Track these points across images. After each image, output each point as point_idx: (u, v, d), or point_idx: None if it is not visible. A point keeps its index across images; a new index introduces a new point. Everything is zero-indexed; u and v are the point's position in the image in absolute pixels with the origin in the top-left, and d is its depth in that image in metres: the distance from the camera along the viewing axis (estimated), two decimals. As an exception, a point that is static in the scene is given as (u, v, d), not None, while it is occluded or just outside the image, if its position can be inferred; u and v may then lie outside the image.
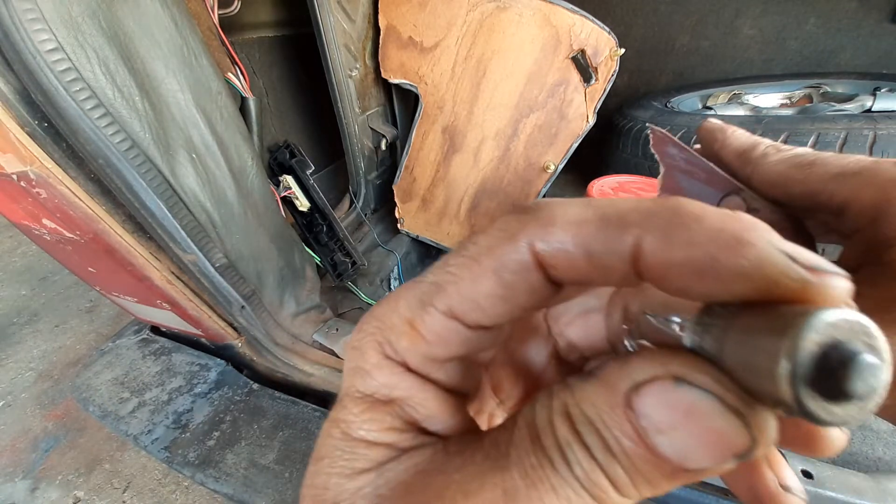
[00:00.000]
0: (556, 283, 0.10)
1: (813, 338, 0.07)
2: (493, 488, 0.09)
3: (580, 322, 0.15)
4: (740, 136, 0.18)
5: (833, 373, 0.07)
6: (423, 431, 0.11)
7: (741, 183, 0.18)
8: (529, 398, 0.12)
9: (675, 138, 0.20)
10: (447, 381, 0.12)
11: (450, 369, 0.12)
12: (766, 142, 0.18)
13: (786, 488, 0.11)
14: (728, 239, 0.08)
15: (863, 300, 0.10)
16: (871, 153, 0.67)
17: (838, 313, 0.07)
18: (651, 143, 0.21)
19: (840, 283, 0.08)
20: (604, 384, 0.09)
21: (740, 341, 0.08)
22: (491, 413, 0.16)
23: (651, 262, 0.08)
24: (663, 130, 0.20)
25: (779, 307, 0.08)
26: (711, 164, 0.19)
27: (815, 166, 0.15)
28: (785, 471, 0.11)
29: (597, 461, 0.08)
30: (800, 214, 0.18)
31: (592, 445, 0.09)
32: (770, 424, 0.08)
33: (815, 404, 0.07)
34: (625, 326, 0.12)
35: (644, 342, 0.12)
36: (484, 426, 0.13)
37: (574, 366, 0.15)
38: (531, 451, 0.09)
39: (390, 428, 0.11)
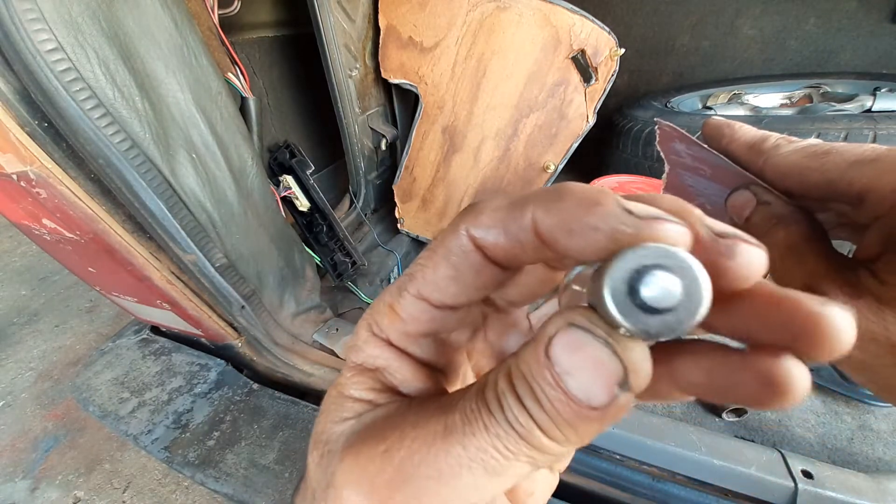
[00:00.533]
0: (497, 264, 0.12)
1: (623, 265, 0.09)
2: (435, 423, 0.11)
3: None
4: (749, 130, 0.19)
5: (636, 289, 0.09)
6: (399, 394, 0.14)
7: (753, 175, 0.18)
8: None
9: (684, 132, 0.20)
10: (421, 354, 0.14)
11: (423, 345, 0.14)
12: (776, 134, 0.18)
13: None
14: (586, 202, 0.10)
15: (886, 288, 0.12)
16: (871, 153, 0.67)
17: (651, 246, 0.09)
18: (657, 139, 0.21)
19: (667, 227, 0.09)
20: (532, 343, 0.11)
21: (596, 283, 0.10)
22: None
23: (540, 229, 0.10)
24: (671, 124, 0.20)
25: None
26: (722, 157, 0.19)
27: (832, 155, 0.16)
28: None
29: (525, 406, 0.10)
30: (812, 207, 0.18)
31: (523, 394, 0.10)
32: (635, 350, 0.09)
33: (633, 318, 0.09)
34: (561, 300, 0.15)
35: None
36: None
37: None
38: (474, 399, 0.11)
39: (372, 388, 0.14)
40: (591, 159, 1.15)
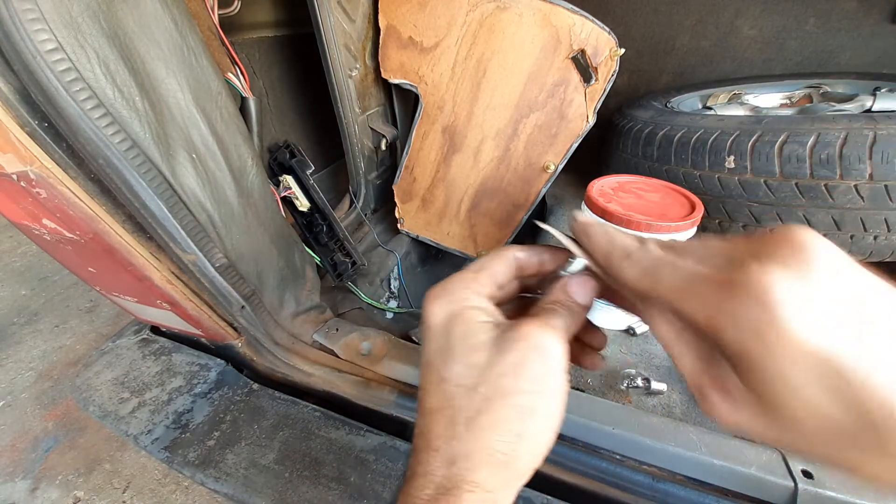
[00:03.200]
0: (520, 269, 0.29)
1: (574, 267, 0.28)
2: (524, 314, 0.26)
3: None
4: (600, 240, 0.24)
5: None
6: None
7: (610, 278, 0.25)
8: None
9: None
10: (501, 295, 0.29)
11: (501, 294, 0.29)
12: (620, 246, 0.23)
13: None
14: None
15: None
16: (871, 153, 0.67)
17: (578, 260, 0.27)
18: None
19: (580, 262, 0.27)
20: (556, 288, 0.27)
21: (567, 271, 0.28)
22: None
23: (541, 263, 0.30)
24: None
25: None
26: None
27: (659, 280, 0.21)
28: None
29: (557, 310, 0.26)
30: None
31: (558, 306, 0.26)
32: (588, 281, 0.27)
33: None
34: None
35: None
36: None
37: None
38: (535, 308, 0.26)
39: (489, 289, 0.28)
40: (591, 159, 1.15)
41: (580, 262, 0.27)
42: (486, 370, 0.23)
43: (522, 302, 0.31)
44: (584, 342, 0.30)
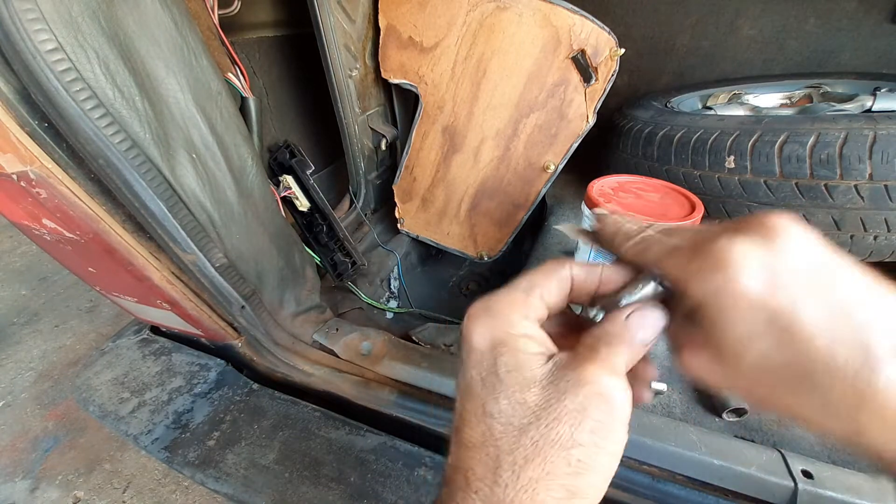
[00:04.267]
0: (576, 289, 0.26)
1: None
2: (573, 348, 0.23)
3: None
4: (609, 226, 0.27)
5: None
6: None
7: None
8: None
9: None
10: (548, 316, 0.26)
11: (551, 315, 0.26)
12: (624, 229, 0.26)
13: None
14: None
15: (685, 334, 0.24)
16: (871, 153, 0.67)
17: (644, 287, 0.24)
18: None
19: (646, 287, 0.24)
20: (616, 321, 0.24)
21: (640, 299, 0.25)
22: None
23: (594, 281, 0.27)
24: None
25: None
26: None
27: (647, 251, 0.24)
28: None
29: (621, 348, 0.22)
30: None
31: (620, 342, 0.23)
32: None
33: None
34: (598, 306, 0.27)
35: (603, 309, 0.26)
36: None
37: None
38: (592, 340, 0.23)
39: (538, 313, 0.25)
40: (591, 159, 1.15)
41: (647, 287, 0.24)
42: (539, 412, 0.20)
43: (565, 316, 0.28)
44: (634, 372, 0.26)
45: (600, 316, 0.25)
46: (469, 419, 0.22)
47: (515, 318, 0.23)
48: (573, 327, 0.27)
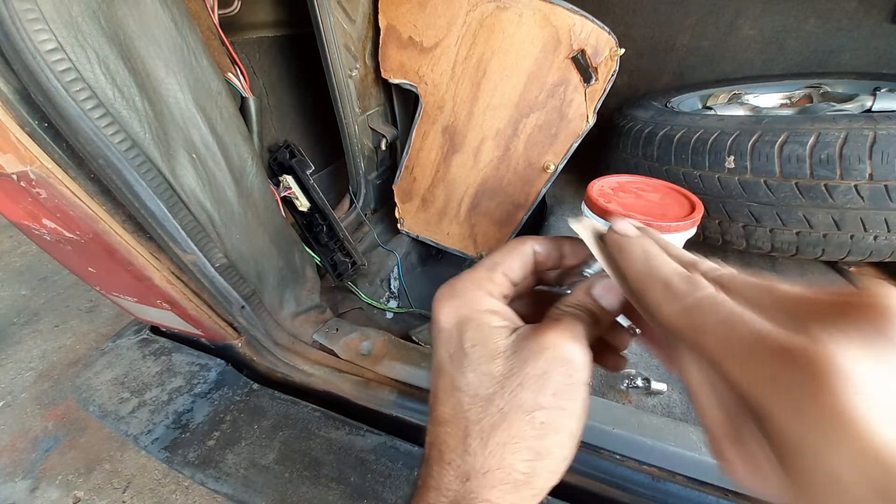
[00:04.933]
0: (538, 264, 0.27)
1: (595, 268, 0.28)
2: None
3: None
4: (636, 262, 0.24)
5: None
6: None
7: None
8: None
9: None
10: (516, 292, 0.27)
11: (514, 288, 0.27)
12: (659, 276, 0.20)
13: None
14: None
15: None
16: (871, 153, 0.67)
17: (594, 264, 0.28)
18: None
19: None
20: (580, 290, 0.25)
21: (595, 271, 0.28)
22: None
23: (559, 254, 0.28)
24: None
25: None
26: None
27: (706, 333, 0.18)
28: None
29: (581, 315, 0.23)
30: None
31: (582, 310, 0.24)
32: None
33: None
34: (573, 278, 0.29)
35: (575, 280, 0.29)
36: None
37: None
38: (557, 311, 0.24)
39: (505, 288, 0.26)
40: (591, 159, 1.15)
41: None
42: (504, 381, 0.21)
43: (538, 296, 0.29)
44: (607, 341, 0.27)
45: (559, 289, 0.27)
46: (440, 396, 0.23)
47: (479, 296, 0.24)
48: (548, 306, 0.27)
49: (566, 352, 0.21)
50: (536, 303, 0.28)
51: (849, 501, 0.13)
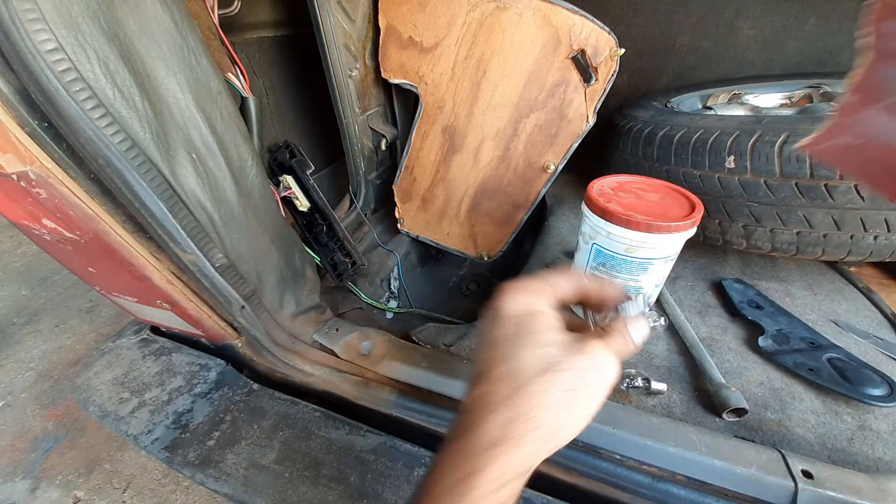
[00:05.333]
0: (583, 296, 0.35)
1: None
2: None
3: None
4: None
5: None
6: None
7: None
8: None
9: None
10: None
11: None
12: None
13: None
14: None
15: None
16: (871, 153, 0.67)
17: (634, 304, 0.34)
18: (872, 15, 0.19)
19: (637, 305, 0.35)
20: (619, 322, 0.33)
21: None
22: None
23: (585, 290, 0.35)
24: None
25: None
26: None
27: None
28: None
29: (620, 340, 0.31)
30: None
31: (620, 337, 0.32)
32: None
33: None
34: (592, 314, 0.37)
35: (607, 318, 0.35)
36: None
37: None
38: (597, 331, 0.32)
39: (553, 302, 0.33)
40: (591, 159, 1.15)
41: (637, 304, 0.33)
42: (553, 364, 0.28)
43: (568, 318, 0.36)
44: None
45: (597, 319, 0.35)
46: (494, 363, 0.29)
47: (540, 300, 0.32)
48: (571, 328, 0.33)
49: (607, 361, 0.30)
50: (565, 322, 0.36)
51: None
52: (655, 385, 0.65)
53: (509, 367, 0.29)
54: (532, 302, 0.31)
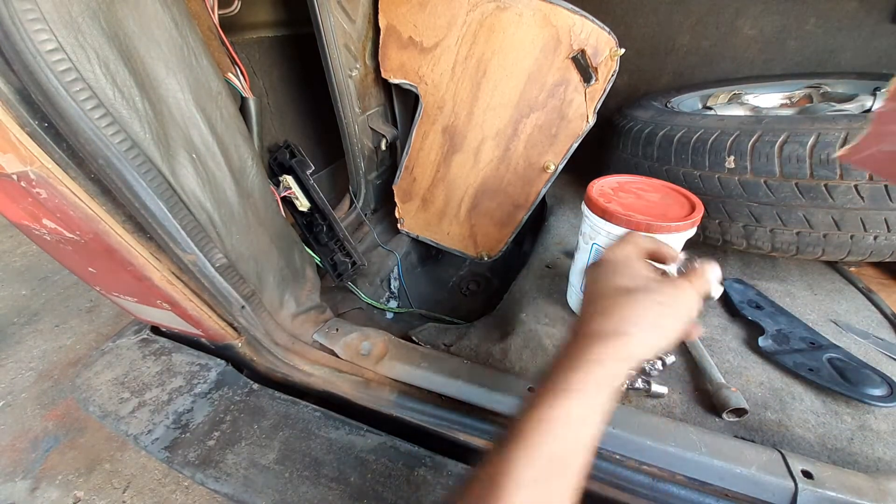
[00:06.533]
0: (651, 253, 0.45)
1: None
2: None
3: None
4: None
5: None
6: None
7: None
8: None
9: None
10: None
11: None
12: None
13: None
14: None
15: None
16: (871, 153, 0.67)
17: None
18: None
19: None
20: (696, 266, 0.42)
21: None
22: None
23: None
24: None
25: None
26: None
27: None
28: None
29: (698, 278, 0.41)
30: None
31: (697, 276, 0.41)
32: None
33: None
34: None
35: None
36: None
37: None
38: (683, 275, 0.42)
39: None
40: (591, 159, 1.15)
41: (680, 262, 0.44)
42: (653, 288, 0.38)
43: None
44: None
45: (672, 269, 0.45)
46: (606, 287, 0.39)
47: (632, 250, 0.42)
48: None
49: (689, 292, 0.39)
50: None
51: None
52: (656, 388, 0.65)
53: (618, 287, 0.38)
54: (628, 251, 0.42)
